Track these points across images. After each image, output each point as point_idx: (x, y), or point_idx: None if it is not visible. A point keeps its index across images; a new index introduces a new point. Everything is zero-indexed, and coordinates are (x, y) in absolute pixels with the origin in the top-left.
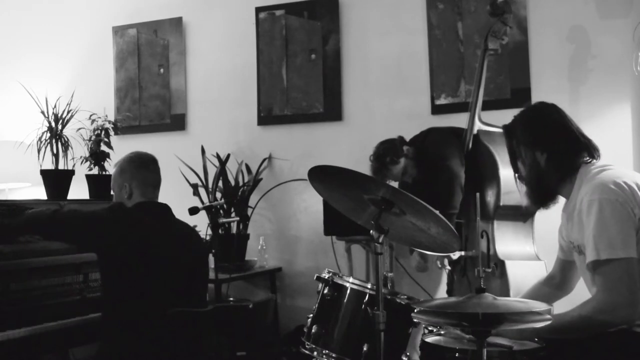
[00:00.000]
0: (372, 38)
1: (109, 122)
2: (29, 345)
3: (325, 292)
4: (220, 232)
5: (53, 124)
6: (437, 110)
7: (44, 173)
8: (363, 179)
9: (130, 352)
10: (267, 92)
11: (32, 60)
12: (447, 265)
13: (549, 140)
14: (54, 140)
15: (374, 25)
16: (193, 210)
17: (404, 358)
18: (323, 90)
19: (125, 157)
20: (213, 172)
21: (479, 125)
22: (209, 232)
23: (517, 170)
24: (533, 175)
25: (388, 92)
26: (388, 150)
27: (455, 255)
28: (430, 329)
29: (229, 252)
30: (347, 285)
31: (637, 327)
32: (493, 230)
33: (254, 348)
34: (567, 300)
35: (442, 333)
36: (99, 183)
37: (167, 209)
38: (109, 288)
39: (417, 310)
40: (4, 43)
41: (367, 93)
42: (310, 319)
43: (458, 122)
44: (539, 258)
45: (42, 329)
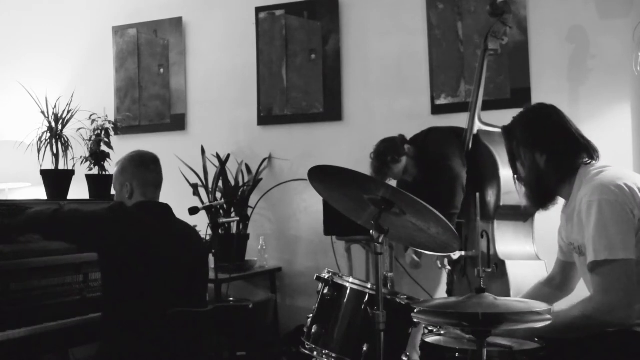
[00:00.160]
0: (372, 38)
1: (109, 122)
2: (29, 345)
3: (325, 292)
4: (220, 232)
5: (53, 124)
6: (437, 110)
7: (44, 173)
8: (363, 179)
9: (130, 352)
10: (267, 92)
11: (32, 60)
12: (447, 265)
13: (549, 142)
14: (54, 140)
15: (374, 25)
16: (193, 210)
17: (404, 358)
18: (323, 90)
19: (127, 156)
20: (213, 172)
21: (479, 125)
22: (209, 232)
23: (516, 172)
24: (532, 177)
25: (388, 92)
26: (389, 149)
27: (456, 255)
28: (430, 329)
29: (229, 252)
30: (347, 285)
31: (637, 326)
32: (493, 230)
33: (254, 348)
34: (567, 302)
35: (442, 333)
36: (99, 183)
37: (167, 209)
38: (109, 288)
39: (417, 310)
40: (4, 43)
41: (367, 93)
42: (310, 319)
43: (458, 122)
44: (539, 258)
45: (42, 329)
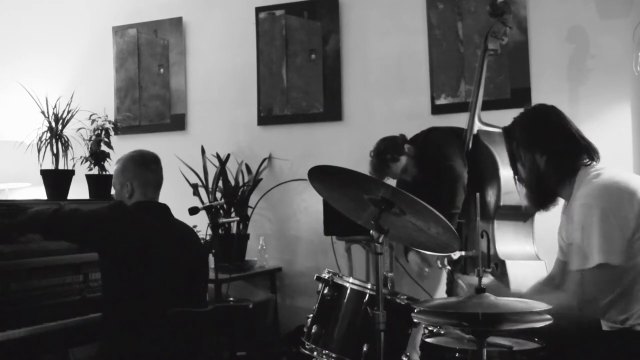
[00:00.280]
0: (372, 38)
1: (109, 122)
2: (29, 345)
3: (325, 292)
4: (220, 232)
5: (53, 124)
6: (437, 110)
7: (44, 173)
8: (363, 179)
9: (130, 352)
10: (267, 92)
11: (32, 60)
12: (447, 265)
13: (549, 142)
14: (54, 140)
15: (374, 25)
16: (193, 210)
17: (404, 358)
18: (323, 90)
19: (128, 155)
20: (213, 172)
21: (479, 126)
22: (209, 232)
23: (516, 172)
24: (533, 178)
25: (388, 92)
26: (389, 147)
27: (456, 255)
28: (431, 329)
29: (229, 252)
30: (347, 286)
31: (637, 326)
32: (493, 230)
33: (254, 348)
34: None
35: (442, 333)
36: (99, 183)
37: (166, 209)
38: (109, 288)
39: (417, 310)
40: (4, 43)
41: (367, 93)
42: (310, 319)
43: (458, 122)
44: (539, 258)
45: (42, 329)
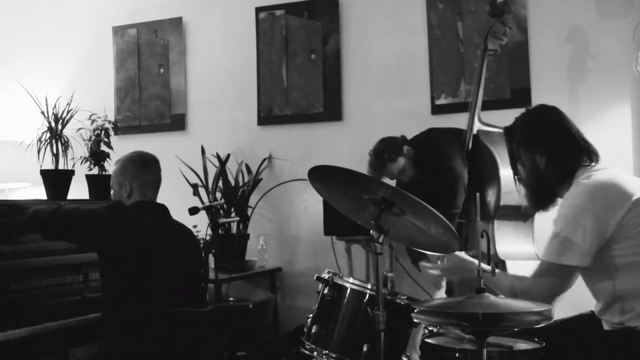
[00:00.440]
0: (372, 38)
1: (109, 122)
2: (29, 345)
3: (325, 292)
4: (220, 232)
5: (53, 124)
6: (437, 110)
7: (44, 173)
8: (363, 179)
9: (130, 352)
10: (267, 92)
11: (32, 60)
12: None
13: (548, 143)
14: (54, 140)
15: (374, 25)
16: (193, 210)
17: (404, 358)
18: (323, 90)
19: (127, 155)
20: (213, 172)
21: (479, 126)
22: (209, 232)
23: (516, 173)
24: (532, 178)
25: (388, 92)
26: (387, 147)
27: None
28: (431, 329)
29: (229, 252)
30: (347, 286)
31: (637, 326)
32: (493, 230)
33: (254, 348)
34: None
35: (442, 333)
36: (99, 183)
37: (165, 210)
38: (109, 288)
39: (417, 310)
40: (4, 43)
41: (367, 93)
42: (310, 319)
43: (458, 122)
44: (539, 258)
45: (42, 329)
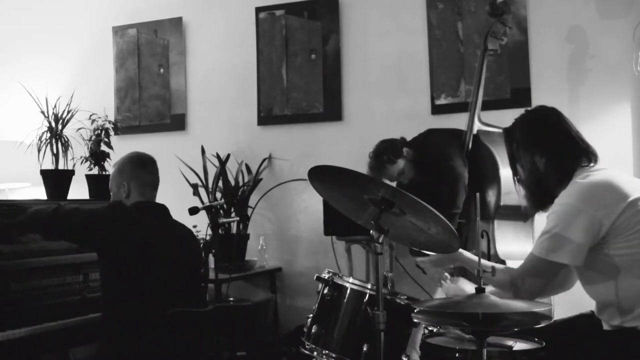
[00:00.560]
0: (372, 38)
1: (109, 122)
2: (29, 345)
3: (325, 292)
4: (220, 232)
5: (53, 124)
6: (437, 110)
7: (44, 173)
8: (363, 179)
9: (130, 352)
10: (267, 92)
11: (32, 60)
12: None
13: (548, 144)
14: (54, 140)
15: (374, 25)
16: (193, 210)
17: (404, 358)
18: (323, 90)
19: (125, 156)
20: (213, 172)
21: (479, 126)
22: (209, 232)
23: (516, 174)
24: (532, 179)
25: (388, 92)
26: (387, 149)
27: None
28: (431, 329)
29: (229, 252)
30: (347, 286)
31: (637, 326)
32: (493, 230)
33: (254, 348)
34: (567, 299)
35: (442, 333)
36: (99, 183)
37: (165, 210)
38: (109, 288)
39: (417, 310)
40: (4, 43)
41: (367, 93)
42: (310, 319)
43: (458, 122)
44: None
45: (42, 329)
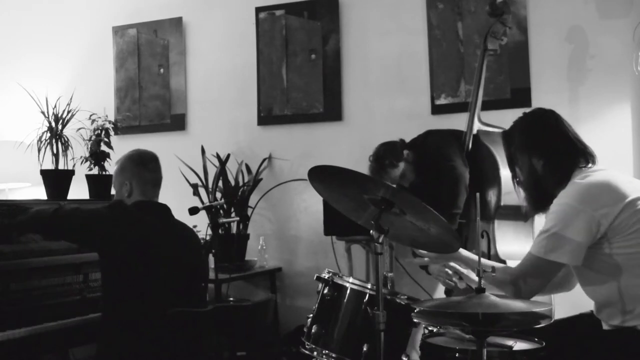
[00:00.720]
0: (372, 38)
1: (109, 122)
2: (29, 345)
3: (325, 292)
4: (220, 232)
5: (53, 124)
6: (437, 110)
7: (44, 173)
8: (363, 179)
9: (130, 352)
10: (267, 92)
11: (32, 60)
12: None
13: (545, 146)
14: (54, 140)
15: (374, 25)
16: (193, 210)
17: (404, 358)
18: (323, 90)
19: (127, 154)
20: (213, 172)
21: (479, 126)
22: (209, 232)
23: (515, 176)
24: (531, 181)
25: (388, 92)
26: (388, 152)
27: None
28: (431, 329)
29: (229, 252)
30: (347, 286)
31: (637, 326)
32: (494, 230)
33: (254, 348)
34: (567, 299)
35: (442, 333)
36: (99, 183)
37: (166, 209)
38: (109, 287)
39: (417, 310)
40: (4, 43)
41: (367, 93)
42: (310, 319)
43: (458, 122)
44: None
45: (42, 329)
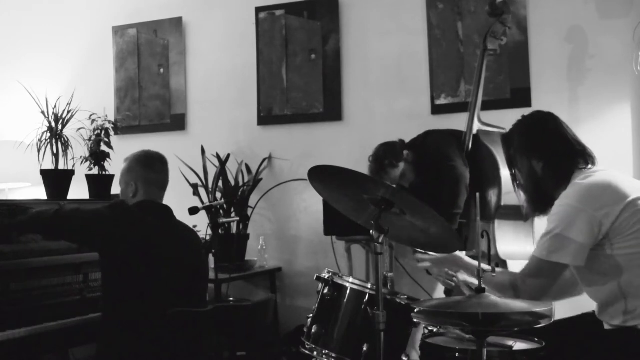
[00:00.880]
0: (372, 38)
1: (109, 122)
2: (29, 345)
3: (325, 292)
4: (220, 232)
5: (53, 124)
6: (437, 110)
7: (44, 173)
8: (363, 179)
9: (130, 352)
10: (267, 92)
11: (32, 60)
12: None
13: (545, 148)
14: (54, 140)
15: (374, 25)
16: (193, 210)
17: (404, 358)
18: (323, 90)
19: (135, 154)
20: (213, 172)
21: (479, 126)
22: (209, 232)
23: (515, 179)
24: (531, 183)
25: (388, 92)
26: (388, 153)
27: None
28: (431, 329)
29: (229, 252)
30: (347, 285)
31: (638, 325)
32: (494, 230)
33: (254, 348)
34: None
35: (442, 333)
36: (99, 183)
37: (168, 210)
38: (110, 287)
39: (417, 310)
40: (4, 43)
41: (367, 93)
42: (310, 319)
43: (458, 122)
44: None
45: (42, 329)
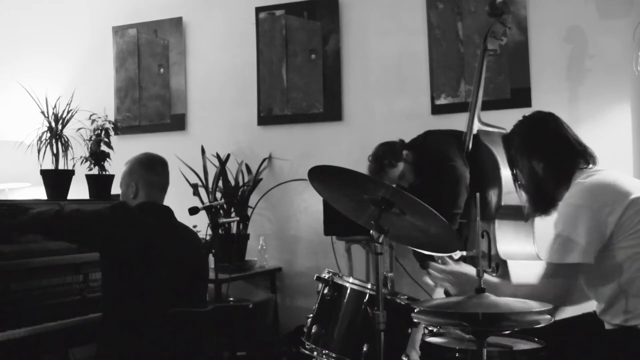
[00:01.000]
0: (372, 38)
1: (109, 122)
2: (29, 345)
3: (325, 292)
4: (220, 232)
5: (53, 124)
6: (437, 110)
7: (44, 173)
8: (363, 179)
9: (130, 352)
10: (267, 92)
11: (32, 60)
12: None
13: (545, 149)
14: (54, 140)
15: (374, 25)
16: (193, 210)
17: (404, 358)
18: (323, 90)
19: (136, 157)
20: (213, 172)
21: (479, 126)
22: (209, 232)
23: (517, 180)
24: (532, 184)
25: (388, 92)
26: (387, 153)
27: (456, 255)
28: (431, 329)
29: (229, 252)
30: (347, 285)
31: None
32: (494, 230)
33: (254, 348)
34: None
35: (442, 333)
36: (99, 183)
37: (169, 211)
38: (110, 288)
39: (417, 310)
40: (4, 43)
41: (367, 93)
42: (310, 319)
43: (458, 122)
44: (540, 258)
45: (42, 329)
